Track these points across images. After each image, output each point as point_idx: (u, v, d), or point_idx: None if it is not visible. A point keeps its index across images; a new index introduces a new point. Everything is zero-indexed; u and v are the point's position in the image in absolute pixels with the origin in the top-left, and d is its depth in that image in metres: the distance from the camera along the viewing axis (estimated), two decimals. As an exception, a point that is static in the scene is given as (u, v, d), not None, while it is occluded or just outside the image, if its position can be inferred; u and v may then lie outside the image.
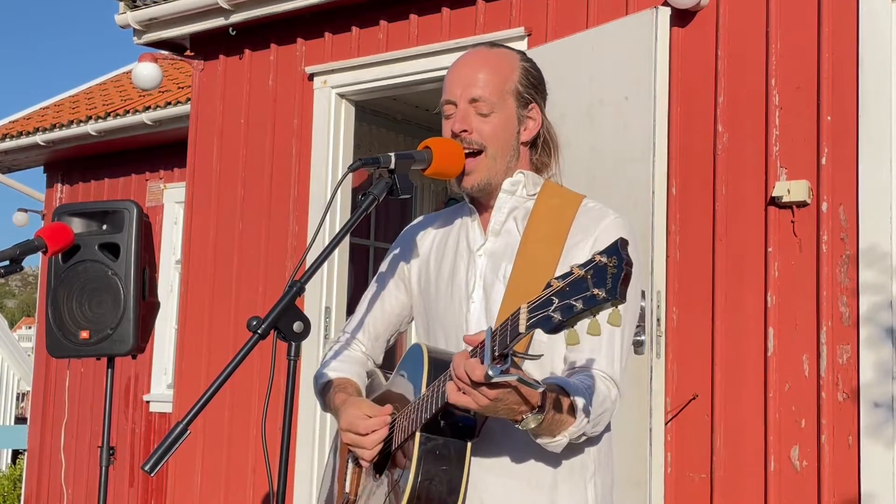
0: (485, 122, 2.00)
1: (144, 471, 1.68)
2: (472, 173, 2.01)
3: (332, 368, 2.21)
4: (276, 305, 1.79)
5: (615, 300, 1.44)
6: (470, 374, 1.61)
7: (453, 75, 2.05)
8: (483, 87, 2.00)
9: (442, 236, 2.16)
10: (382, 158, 1.93)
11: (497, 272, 2.00)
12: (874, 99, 3.72)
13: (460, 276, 2.06)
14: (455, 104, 2.01)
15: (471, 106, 2.00)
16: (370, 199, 1.91)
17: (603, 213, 2.00)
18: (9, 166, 9.39)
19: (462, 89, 2.01)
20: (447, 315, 2.06)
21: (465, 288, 2.04)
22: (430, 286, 2.12)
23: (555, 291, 1.51)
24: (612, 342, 1.90)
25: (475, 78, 2.01)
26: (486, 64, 2.04)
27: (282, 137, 5.56)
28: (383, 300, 2.24)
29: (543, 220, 2.00)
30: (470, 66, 2.04)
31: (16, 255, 2.62)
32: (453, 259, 2.09)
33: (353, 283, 6.10)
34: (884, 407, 3.60)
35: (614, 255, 1.47)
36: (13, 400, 20.91)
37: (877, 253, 3.66)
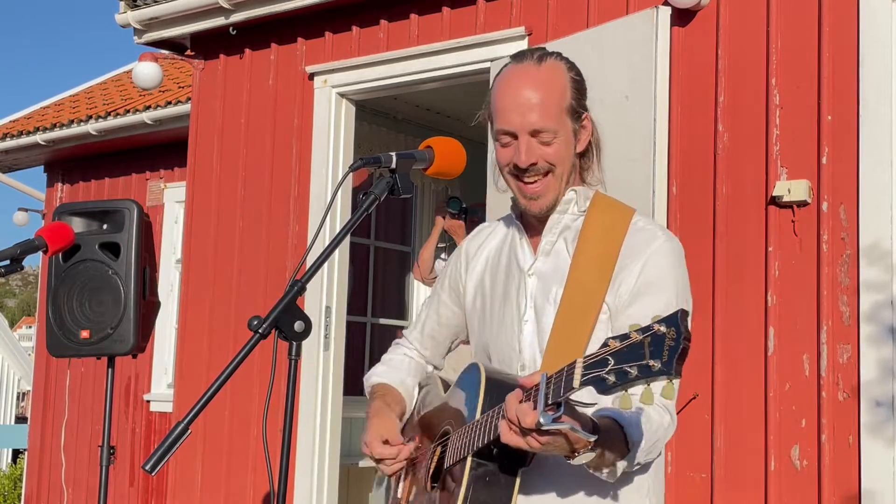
0: (549, 148, 1.96)
1: (145, 470, 1.68)
2: (540, 197, 1.98)
3: (377, 374, 2.29)
4: (276, 305, 1.79)
5: (669, 375, 1.45)
6: (521, 419, 1.63)
7: (508, 102, 1.97)
8: (542, 116, 1.94)
9: (495, 253, 2.15)
10: (383, 158, 1.93)
11: (548, 295, 1.99)
12: (874, 98, 3.72)
13: (512, 297, 2.05)
14: (514, 135, 1.96)
15: (533, 138, 1.95)
16: (371, 199, 1.91)
17: (652, 235, 1.97)
18: (9, 166, 9.39)
19: (521, 120, 1.94)
20: (500, 336, 2.05)
21: (516, 310, 2.03)
22: (485, 306, 2.12)
23: (612, 351, 1.52)
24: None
25: (532, 106, 1.94)
26: (540, 86, 1.96)
27: (282, 137, 5.56)
28: (440, 312, 2.26)
29: (593, 241, 1.98)
30: (524, 91, 1.95)
31: (16, 255, 2.62)
32: (505, 279, 2.09)
33: (354, 283, 6.10)
34: (885, 406, 3.60)
35: (673, 326, 1.47)
36: (13, 399, 20.91)
37: (877, 252, 3.66)
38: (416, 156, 1.98)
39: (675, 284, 1.95)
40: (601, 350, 1.53)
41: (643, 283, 1.92)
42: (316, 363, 5.20)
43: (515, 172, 1.98)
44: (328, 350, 5.25)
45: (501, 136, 1.98)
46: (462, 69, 4.93)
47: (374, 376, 2.28)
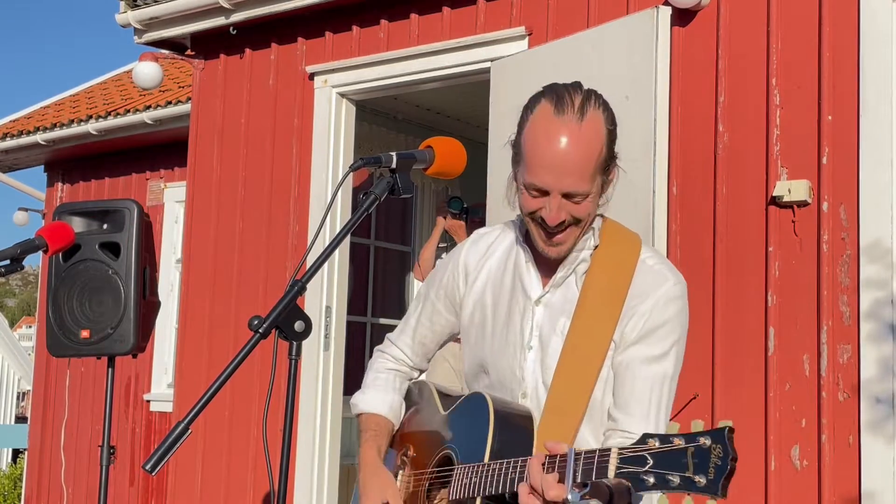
0: (578, 207, 1.93)
1: (145, 470, 1.68)
2: (561, 244, 1.97)
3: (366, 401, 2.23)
4: (277, 305, 1.79)
5: (715, 495, 1.46)
6: (546, 490, 1.65)
7: (544, 159, 1.90)
8: (578, 181, 1.90)
9: (497, 271, 2.12)
10: (384, 158, 1.93)
11: (555, 325, 2.00)
12: (875, 98, 3.72)
13: (516, 321, 2.05)
14: (547, 192, 1.91)
15: (564, 199, 1.92)
16: (371, 199, 1.91)
17: (662, 277, 2.00)
18: (9, 165, 9.38)
19: (555, 182, 1.90)
20: (501, 358, 2.05)
21: (520, 335, 2.03)
22: (485, 323, 2.11)
23: (651, 451, 1.53)
24: (661, 408, 1.95)
25: (569, 171, 1.90)
26: (579, 148, 1.90)
27: (282, 137, 5.56)
28: (433, 320, 2.24)
29: (602, 275, 1.99)
30: (562, 153, 1.89)
31: (16, 254, 2.62)
32: (509, 301, 2.07)
33: (354, 283, 6.10)
34: (885, 404, 3.59)
35: (720, 443, 1.49)
36: (13, 399, 20.90)
37: (878, 251, 3.66)
38: (416, 156, 1.98)
39: (679, 330, 1.99)
40: (639, 447, 1.54)
41: (650, 326, 1.95)
42: (316, 363, 5.20)
43: (538, 223, 1.96)
44: (328, 350, 5.25)
45: (530, 187, 1.92)
46: (462, 69, 4.93)
47: (363, 404, 2.22)
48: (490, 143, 4.62)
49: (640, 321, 1.95)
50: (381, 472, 2.08)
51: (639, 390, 1.94)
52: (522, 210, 1.97)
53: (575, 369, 1.95)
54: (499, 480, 1.81)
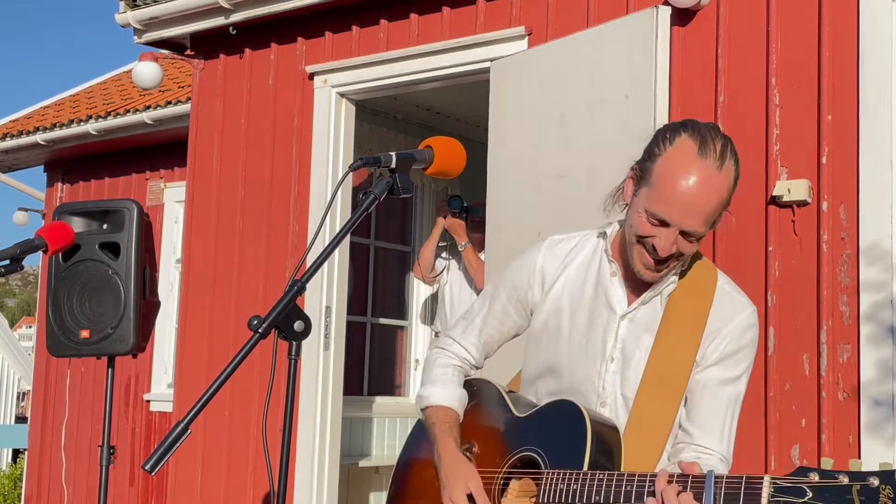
0: (689, 245, 2.03)
1: (145, 470, 1.68)
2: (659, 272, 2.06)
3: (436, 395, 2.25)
4: (276, 305, 1.79)
5: None
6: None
7: (677, 196, 1.96)
8: (700, 223, 1.99)
9: (577, 280, 2.18)
10: (383, 158, 1.93)
11: (638, 341, 2.10)
12: (874, 97, 3.71)
13: (598, 333, 2.13)
14: (668, 224, 1.99)
15: (682, 236, 2.00)
16: (371, 199, 1.92)
17: (740, 305, 2.14)
18: (9, 165, 9.38)
19: (681, 220, 1.97)
20: (580, 366, 2.13)
21: (602, 346, 2.11)
22: (560, 329, 2.17)
23: (810, 484, 1.59)
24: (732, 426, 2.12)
25: (697, 214, 1.97)
26: (713, 197, 1.98)
27: (282, 137, 5.56)
28: (503, 322, 2.28)
29: (686, 297, 2.11)
30: (698, 196, 1.96)
31: (16, 254, 2.62)
32: (590, 311, 2.14)
33: (354, 283, 6.10)
34: (884, 405, 3.59)
35: (890, 484, 1.52)
36: (13, 399, 20.90)
37: (877, 251, 3.66)
38: (415, 156, 1.98)
39: (752, 356, 2.15)
40: (797, 479, 1.60)
41: (730, 350, 2.10)
42: (316, 363, 5.20)
43: (646, 248, 2.02)
44: (328, 350, 5.25)
45: (652, 215, 1.99)
46: (462, 69, 4.93)
47: (434, 397, 2.25)
48: (490, 143, 4.62)
49: (721, 344, 2.08)
50: (464, 463, 2.11)
51: (715, 409, 2.10)
52: (633, 230, 2.03)
53: (660, 387, 2.06)
54: (607, 490, 1.86)
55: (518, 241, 4.41)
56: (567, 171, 4.22)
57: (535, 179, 4.36)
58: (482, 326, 2.29)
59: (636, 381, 2.08)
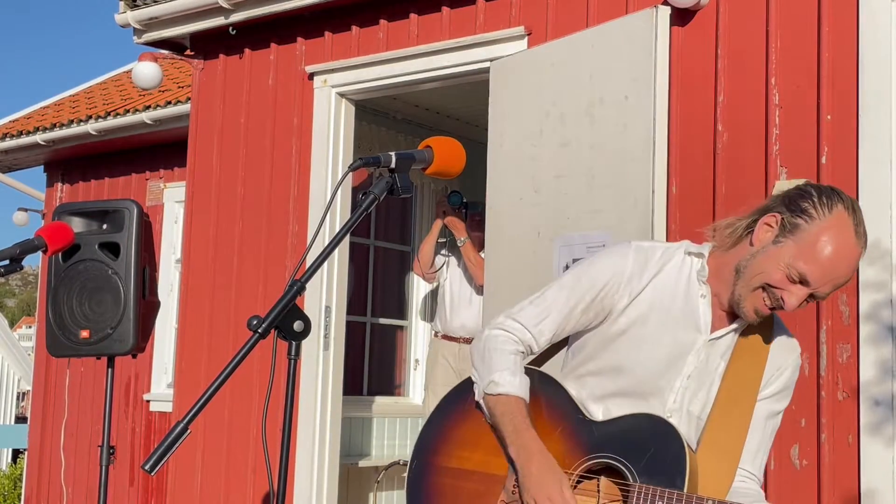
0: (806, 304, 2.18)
1: (144, 470, 1.68)
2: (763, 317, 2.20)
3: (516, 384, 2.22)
4: (276, 305, 1.79)
5: None
6: None
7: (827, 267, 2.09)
8: (832, 291, 2.15)
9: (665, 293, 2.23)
10: (383, 158, 1.93)
11: (713, 365, 2.22)
12: (874, 98, 3.72)
13: (681, 350, 2.21)
14: (805, 284, 2.11)
15: (808, 297, 2.14)
16: (371, 199, 1.92)
17: (793, 343, 2.34)
18: (9, 165, 9.38)
19: (820, 284, 2.10)
20: (653, 377, 2.21)
21: (682, 364, 2.21)
22: (642, 337, 2.22)
23: None
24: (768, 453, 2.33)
25: (836, 284, 2.13)
26: (851, 269, 2.14)
27: (282, 137, 5.56)
28: (580, 319, 2.28)
29: (753, 330, 2.26)
30: (843, 269, 2.11)
31: (16, 255, 2.62)
32: (675, 328, 2.21)
33: (353, 283, 6.10)
34: (884, 405, 3.60)
35: None
36: (13, 399, 20.90)
37: (877, 251, 3.66)
38: (415, 156, 1.98)
39: (793, 391, 2.35)
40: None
41: (783, 386, 2.30)
42: (316, 363, 5.20)
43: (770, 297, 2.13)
44: (328, 350, 5.25)
45: (794, 271, 2.09)
46: (462, 69, 4.93)
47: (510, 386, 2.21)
48: (489, 143, 4.62)
49: (778, 380, 2.28)
50: (556, 466, 2.11)
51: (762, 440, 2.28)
52: (763, 277, 2.12)
53: (731, 412, 2.20)
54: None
55: (517, 240, 4.41)
56: (566, 171, 4.22)
57: (534, 179, 4.36)
58: (558, 319, 2.26)
59: (705, 402, 2.21)
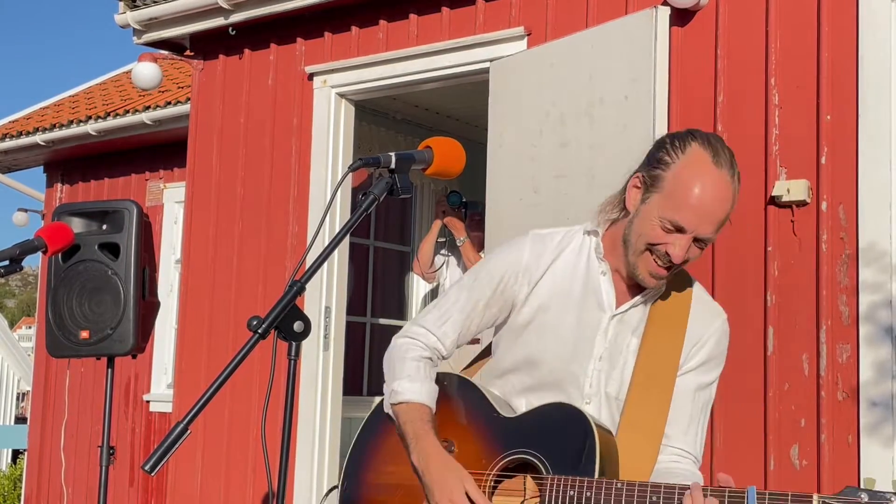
0: (698, 252, 2.09)
1: (144, 470, 1.68)
2: (663, 279, 2.10)
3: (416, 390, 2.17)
4: (276, 305, 1.79)
5: None
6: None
7: (694, 203, 2.03)
8: (713, 229, 2.06)
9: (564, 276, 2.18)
10: (383, 158, 1.93)
11: (625, 342, 2.13)
12: (874, 98, 3.72)
13: (587, 332, 2.14)
14: (682, 231, 2.03)
15: (694, 243, 2.06)
16: (370, 199, 1.92)
17: (716, 311, 2.21)
18: (9, 166, 9.38)
19: (697, 224, 2.03)
20: (564, 363, 2.13)
21: (590, 346, 2.13)
22: (546, 324, 2.16)
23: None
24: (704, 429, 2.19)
25: (712, 221, 2.04)
26: (726, 204, 2.06)
27: (281, 137, 5.56)
28: (483, 314, 2.24)
29: (668, 302, 2.17)
30: (715, 203, 2.04)
31: (16, 255, 2.62)
32: (579, 310, 2.15)
33: (353, 283, 6.10)
34: (882, 405, 3.60)
35: None
36: (13, 400, 20.90)
37: (876, 251, 3.66)
38: (415, 156, 1.98)
39: (723, 362, 2.22)
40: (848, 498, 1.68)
41: (708, 356, 2.16)
42: (316, 363, 5.20)
43: (657, 256, 2.05)
44: (328, 350, 5.25)
45: (667, 221, 2.03)
46: (461, 69, 4.93)
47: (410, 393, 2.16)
48: (489, 143, 4.62)
49: (701, 351, 2.15)
50: (456, 464, 2.06)
51: (692, 414, 2.14)
52: (644, 238, 2.05)
53: (650, 389, 2.10)
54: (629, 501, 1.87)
55: (517, 241, 4.41)
56: (566, 172, 4.22)
57: (534, 179, 4.36)
58: (460, 318, 2.23)
59: (621, 382, 2.11)
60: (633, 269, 2.08)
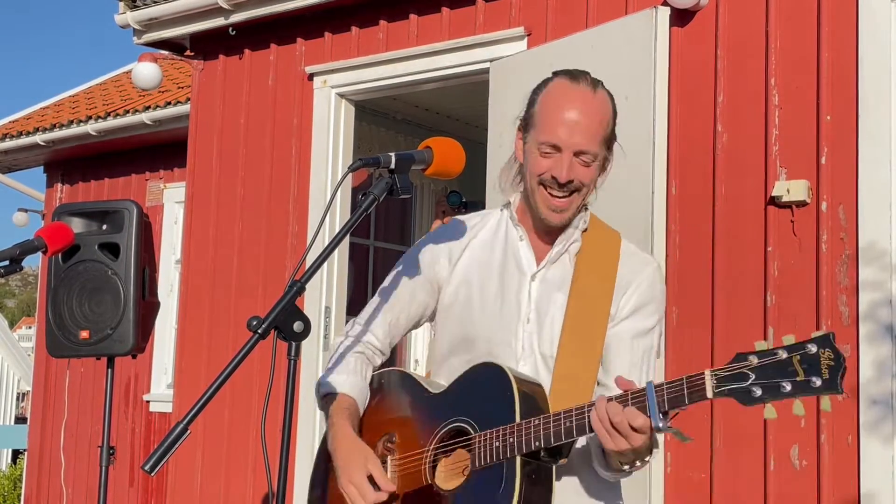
0: (586, 170, 2.09)
1: (144, 471, 1.68)
2: (564, 211, 2.10)
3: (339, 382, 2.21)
4: (276, 305, 1.79)
5: (835, 392, 1.65)
6: (631, 421, 1.79)
7: (561, 119, 2.08)
8: (590, 141, 2.08)
9: (483, 250, 2.20)
10: (383, 158, 1.93)
11: (551, 300, 2.13)
12: (874, 98, 3.72)
13: (511, 296, 2.14)
14: (559, 149, 2.06)
15: (576, 158, 2.07)
16: (370, 199, 1.92)
17: (646, 260, 2.21)
18: (9, 166, 9.39)
19: (569, 138, 2.06)
20: (495, 331, 2.13)
21: (516, 309, 2.13)
22: (471, 299, 2.17)
23: (751, 367, 1.67)
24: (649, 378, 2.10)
25: (583, 130, 2.07)
26: (593, 113, 2.11)
27: (281, 137, 5.56)
28: (409, 302, 2.25)
29: (592, 257, 2.16)
30: (579, 113, 2.08)
31: (16, 255, 2.62)
32: (501, 276, 2.16)
33: (353, 283, 6.10)
34: (882, 404, 3.60)
35: (828, 348, 1.64)
36: (13, 400, 20.91)
37: (876, 251, 3.66)
38: (415, 156, 1.98)
39: (663, 308, 2.21)
40: (737, 364, 1.68)
41: (641, 302, 2.13)
42: (315, 363, 5.20)
43: (548, 184, 2.08)
44: (328, 350, 5.25)
45: (543, 146, 2.07)
46: (462, 69, 4.93)
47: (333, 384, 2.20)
48: (489, 143, 4.62)
49: (632, 297, 2.12)
50: (361, 445, 2.08)
51: (632, 362, 2.10)
52: (532, 173, 2.08)
53: (579, 342, 2.08)
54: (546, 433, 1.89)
55: (517, 241, 4.41)
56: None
57: (534, 180, 4.36)
58: (388, 309, 2.26)
59: (552, 339, 2.10)
60: (536, 212, 2.11)
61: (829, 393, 1.65)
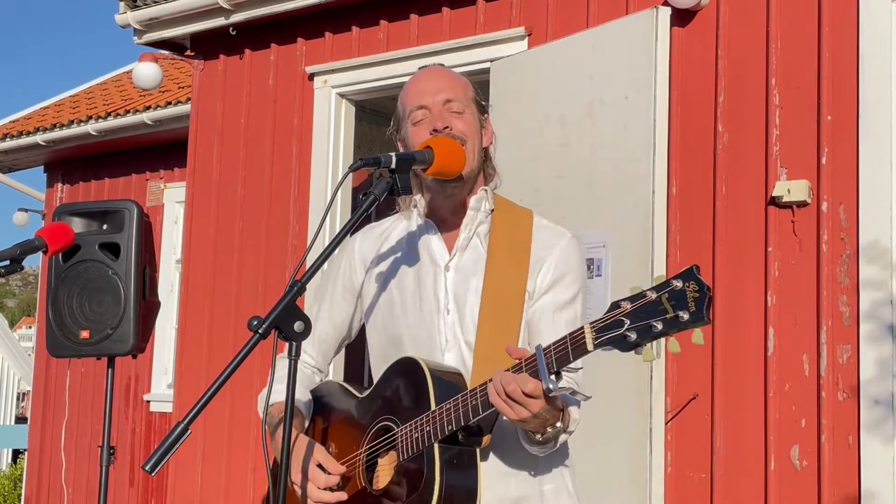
0: (460, 118, 2.13)
1: (145, 470, 1.68)
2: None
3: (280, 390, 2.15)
4: (276, 305, 1.79)
5: (703, 322, 1.64)
6: (522, 387, 1.77)
7: (420, 86, 2.16)
8: (453, 90, 2.15)
9: (395, 249, 2.23)
10: (383, 158, 1.93)
11: (468, 286, 2.13)
12: (874, 98, 3.72)
13: (428, 289, 2.15)
14: (427, 108, 2.12)
15: (444, 107, 2.12)
16: (371, 199, 1.92)
17: (559, 233, 2.19)
18: (9, 166, 9.39)
19: (433, 93, 2.13)
20: (419, 327, 2.14)
21: (435, 301, 2.14)
22: (392, 299, 2.19)
23: (625, 313, 1.67)
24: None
25: (443, 84, 2.15)
26: (447, 76, 2.20)
27: (282, 137, 5.56)
28: (332, 316, 2.30)
29: (505, 236, 2.16)
30: (433, 77, 2.19)
31: (16, 255, 2.62)
32: (416, 274, 2.17)
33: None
34: (883, 404, 3.60)
35: (692, 280, 1.66)
36: (13, 400, 20.92)
37: (876, 250, 3.66)
38: (415, 156, 1.99)
39: (583, 276, 2.19)
40: (612, 312, 1.68)
41: (559, 273, 2.13)
42: (316, 363, 5.19)
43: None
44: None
45: (414, 113, 2.12)
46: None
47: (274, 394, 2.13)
48: (489, 144, 4.62)
49: (549, 271, 2.12)
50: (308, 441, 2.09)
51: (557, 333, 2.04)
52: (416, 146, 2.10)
53: (497, 322, 2.09)
54: (457, 415, 1.90)
55: (518, 241, 4.41)
56: (566, 172, 4.22)
57: (534, 180, 4.36)
58: (319, 318, 2.29)
59: (472, 324, 2.10)
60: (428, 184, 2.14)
61: (697, 325, 1.63)
